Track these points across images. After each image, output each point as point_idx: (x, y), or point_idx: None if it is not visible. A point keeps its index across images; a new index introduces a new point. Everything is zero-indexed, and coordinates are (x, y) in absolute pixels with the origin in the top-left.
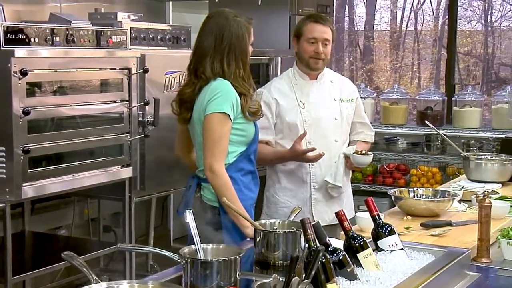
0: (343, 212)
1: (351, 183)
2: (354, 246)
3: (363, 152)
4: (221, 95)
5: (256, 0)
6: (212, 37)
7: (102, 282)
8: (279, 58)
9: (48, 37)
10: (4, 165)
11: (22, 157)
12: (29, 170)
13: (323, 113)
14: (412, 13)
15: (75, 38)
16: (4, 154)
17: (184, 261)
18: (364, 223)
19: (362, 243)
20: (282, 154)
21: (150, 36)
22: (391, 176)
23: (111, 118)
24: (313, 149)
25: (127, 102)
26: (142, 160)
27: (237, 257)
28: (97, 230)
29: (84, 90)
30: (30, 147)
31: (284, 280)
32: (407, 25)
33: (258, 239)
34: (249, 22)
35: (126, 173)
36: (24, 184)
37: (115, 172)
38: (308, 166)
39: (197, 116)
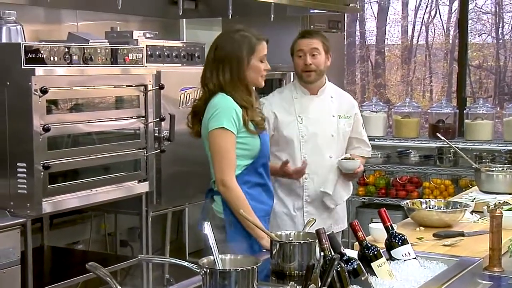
0: (357, 222)
1: (365, 196)
2: (368, 256)
3: (351, 157)
4: (220, 111)
5: (269, 17)
6: (211, 50)
7: None
8: (292, 73)
9: (66, 56)
10: (25, 181)
11: (42, 173)
12: (49, 186)
13: (320, 129)
14: (423, 27)
15: (92, 57)
16: (25, 170)
17: (203, 271)
18: (377, 234)
19: (376, 252)
20: (274, 170)
21: (165, 53)
22: (404, 189)
23: (128, 134)
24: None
25: (143, 118)
26: (158, 175)
27: (255, 267)
28: (114, 244)
29: (101, 107)
30: (50, 163)
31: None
32: (418, 39)
33: (274, 250)
34: (258, 38)
35: (143, 187)
36: (44, 200)
37: (132, 187)
38: (302, 179)
39: (204, 132)
